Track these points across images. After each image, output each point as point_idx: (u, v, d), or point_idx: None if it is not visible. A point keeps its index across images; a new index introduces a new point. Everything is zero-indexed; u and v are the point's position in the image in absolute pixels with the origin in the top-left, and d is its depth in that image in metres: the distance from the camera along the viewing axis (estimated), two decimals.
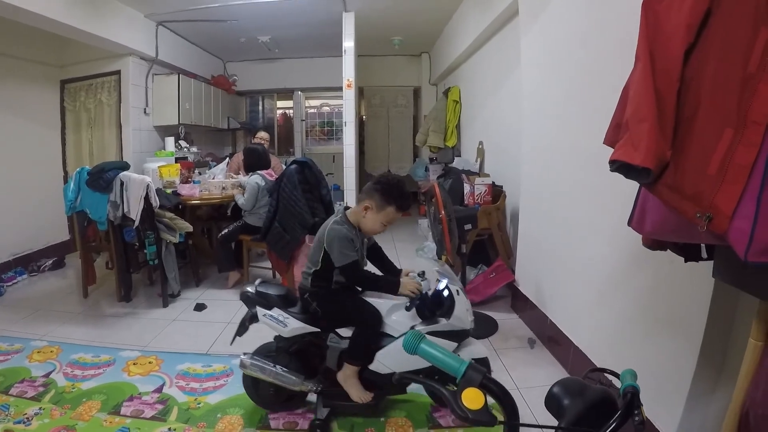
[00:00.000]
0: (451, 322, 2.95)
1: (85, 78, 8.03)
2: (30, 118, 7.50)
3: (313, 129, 12.76)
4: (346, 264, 2.95)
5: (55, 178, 8.04)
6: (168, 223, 5.42)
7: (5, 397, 3.74)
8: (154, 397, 3.62)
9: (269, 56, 10.98)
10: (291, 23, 8.41)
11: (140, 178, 5.11)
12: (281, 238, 5.24)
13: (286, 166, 5.46)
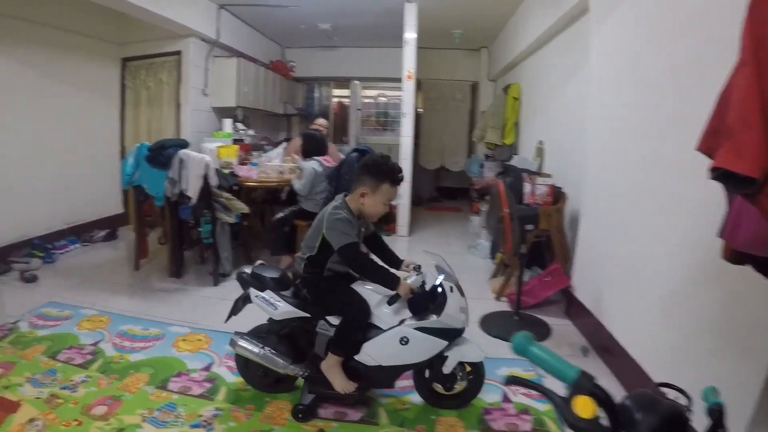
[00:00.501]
0: (441, 320, 2.90)
1: (146, 57, 8.14)
2: (91, 93, 7.65)
3: (368, 119, 12.63)
4: (345, 244, 2.91)
5: (112, 152, 8.19)
6: (224, 203, 5.42)
7: (52, 362, 3.78)
8: (202, 375, 3.59)
9: (328, 44, 10.95)
10: (352, 12, 8.36)
11: (200, 157, 5.12)
12: None
13: (346, 154, 5.40)
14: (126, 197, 8.23)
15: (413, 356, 2.94)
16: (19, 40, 6.34)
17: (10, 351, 3.98)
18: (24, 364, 3.77)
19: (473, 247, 7.01)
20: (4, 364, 3.76)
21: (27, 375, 3.59)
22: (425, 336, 2.89)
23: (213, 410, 3.18)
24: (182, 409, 3.17)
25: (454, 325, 2.95)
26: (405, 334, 2.90)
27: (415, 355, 2.94)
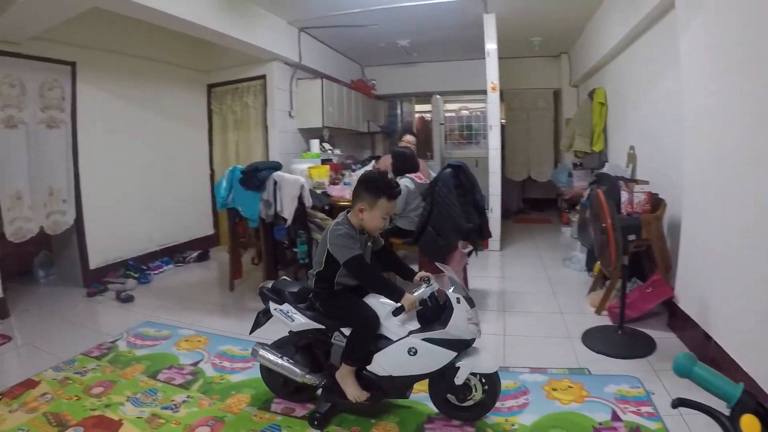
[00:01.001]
0: (447, 331, 2.90)
1: (231, 82, 8.34)
2: (180, 120, 7.97)
3: (451, 133, 12.47)
4: (350, 257, 2.97)
5: (202, 175, 8.47)
6: (319, 224, 5.40)
7: (152, 382, 3.81)
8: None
9: (407, 60, 10.91)
10: (430, 27, 8.26)
11: (294, 179, 5.14)
12: (434, 243, 5.04)
13: (440, 170, 5.30)
14: (217, 219, 8.51)
15: (422, 367, 2.98)
16: (114, 71, 6.72)
17: (109, 370, 4.03)
18: (124, 383, 3.80)
19: (568, 259, 6.75)
20: (105, 382, 3.81)
21: (127, 394, 3.62)
22: (433, 347, 2.92)
23: None
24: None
25: (462, 336, 2.94)
26: (413, 345, 2.95)
27: (424, 366, 2.98)
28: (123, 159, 6.88)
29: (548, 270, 6.49)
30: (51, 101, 5.93)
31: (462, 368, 2.95)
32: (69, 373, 3.99)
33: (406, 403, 3.34)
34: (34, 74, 5.74)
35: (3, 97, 5.45)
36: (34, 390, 3.74)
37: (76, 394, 3.66)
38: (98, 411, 3.40)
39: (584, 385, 3.48)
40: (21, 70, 5.59)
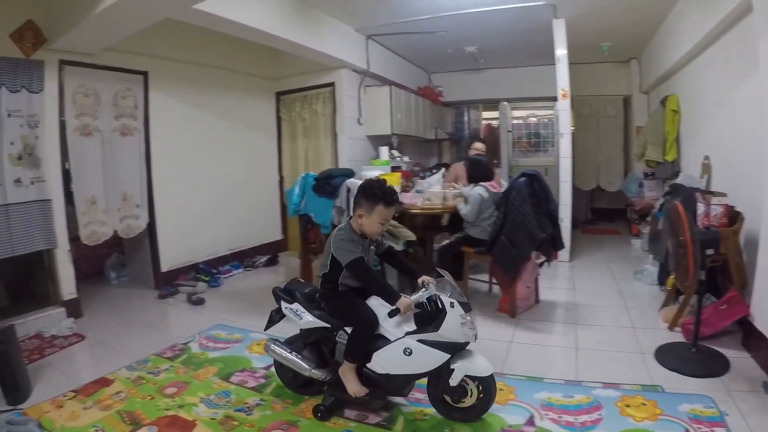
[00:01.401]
0: (439, 333, 3.03)
1: (300, 90, 8.39)
2: (249, 127, 8.09)
3: (519, 140, 12.20)
4: (351, 260, 3.15)
5: (271, 182, 8.58)
6: (391, 231, 5.33)
7: (225, 384, 3.85)
8: (378, 404, 3.43)
9: (475, 66, 10.71)
10: (498, 32, 8.11)
11: None
12: (508, 252, 4.93)
13: (514, 179, 5.17)
14: (285, 224, 8.60)
15: (417, 367, 3.13)
16: (185, 80, 6.89)
17: (182, 371, 4.07)
18: (197, 384, 3.83)
19: (639, 272, 6.48)
20: (178, 383, 3.85)
21: (201, 395, 3.65)
22: (426, 348, 3.06)
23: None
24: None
25: (455, 339, 3.06)
26: (408, 345, 3.10)
27: (418, 366, 3.12)
28: (194, 165, 7.02)
29: (619, 283, 6.28)
30: (124, 110, 6.07)
31: (457, 370, 3.08)
32: (142, 373, 4.06)
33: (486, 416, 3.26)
34: (108, 84, 5.89)
35: (78, 106, 5.60)
36: (108, 388, 3.81)
37: (149, 393, 3.71)
38: (172, 411, 3.44)
39: (657, 402, 3.34)
40: (95, 80, 5.74)
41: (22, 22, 5.00)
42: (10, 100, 4.98)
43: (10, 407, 3.62)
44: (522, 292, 5.14)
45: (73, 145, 5.58)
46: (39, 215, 5.23)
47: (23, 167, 5.11)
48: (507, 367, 3.94)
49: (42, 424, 3.32)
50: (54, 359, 4.48)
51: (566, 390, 3.51)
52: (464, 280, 5.51)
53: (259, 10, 5.66)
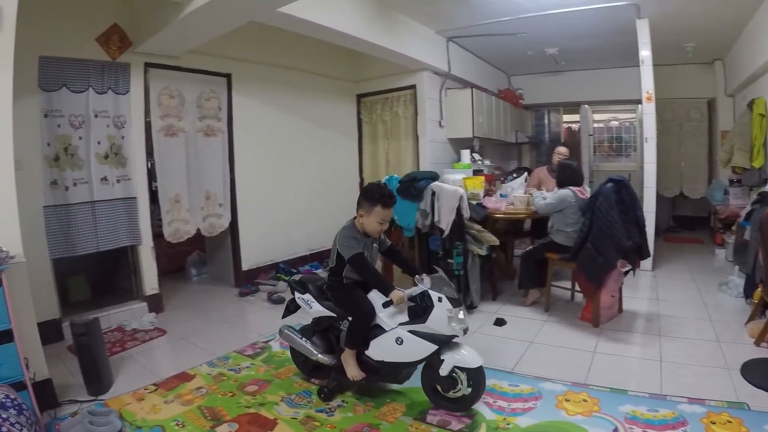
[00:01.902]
0: (426, 325, 3.22)
1: (380, 92, 8.36)
2: (330, 129, 8.12)
3: (600, 144, 11.79)
4: (352, 255, 3.41)
5: (351, 184, 8.55)
6: (475, 235, 5.25)
7: (307, 384, 3.83)
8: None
9: (555, 69, 10.43)
10: (580, 34, 7.85)
11: (453, 189, 5.02)
12: (593, 260, 4.72)
13: (601, 185, 4.94)
14: None
15: (408, 355, 3.32)
16: (267, 82, 6.96)
17: (263, 369, 4.07)
18: (278, 383, 3.82)
19: (724, 284, 6.09)
20: (259, 381, 3.84)
21: (282, 394, 3.63)
22: (416, 338, 3.26)
23: None
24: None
25: (441, 332, 3.22)
26: (399, 335, 3.32)
27: (408, 355, 3.31)
28: (275, 166, 7.09)
29: (703, 294, 5.91)
30: (208, 111, 6.18)
31: (446, 361, 3.25)
32: (223, 369, 4.08)
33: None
34: (192, 85, 6.01)
35: (163, 107, 5.73)
36: (189, 383, 3.83)
37: (230, 390, 3.71)
38: (253, 409, 3.43)
39: (744, 421, 3.10)
40: (180, 82, 5.87)
41: (108, 26, 5.15)
42: (97, 101, 5.14)
43: (92, 398, 3.66)
44: (606, 301, 4.90)
45: (158, 145, 5.70)
46: (124, 212, 5.36)
47: (110, 166, 5.26)
48: (590, 377, 3.74)
49: (123, 415, 3.35)
50: (135, 352, 4.56)
51: (651, 404, 3.30)
52: (547, 286, 5.34)
53: (341, 13, 5.65)
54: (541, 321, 4.99)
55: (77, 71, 4.99)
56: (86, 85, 5.04)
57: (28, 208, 3.99)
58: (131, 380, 3.93)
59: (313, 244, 7.71)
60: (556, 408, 3.28)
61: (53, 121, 4.89)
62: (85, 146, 5.08)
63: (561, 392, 3.48)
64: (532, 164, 11.17)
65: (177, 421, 3.26)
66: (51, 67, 4.82)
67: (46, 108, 4.83)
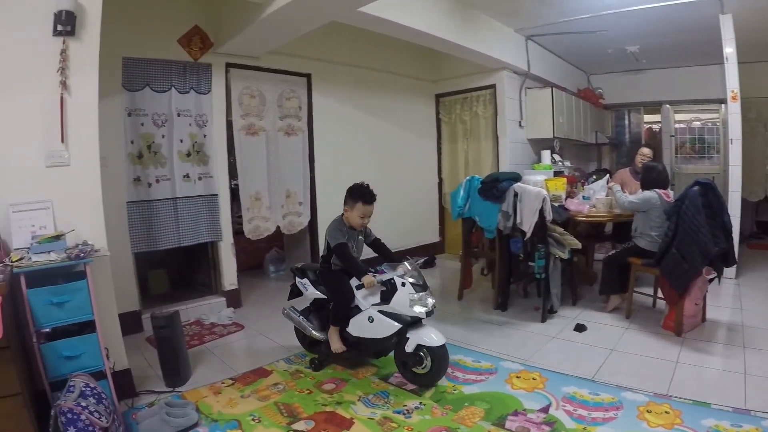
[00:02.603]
0: (391, 306, 3.72)
1: (459, 92, 8.26)
2: (408, 129, 8.07)
3: (682, 146, 11.32)
4: (336, 244, 3.91)
5: (430, 184, 8.52)
6: (557, 238, 5.13)
7: (384, 384, 3.80)
8: (540, 417, 3.22)
9: (636, 67, 10.05)
10: (662, 31, 7.49)
11: (537, 191, 4.88)
12: (678, 266, 4.50)
13: (687, 188, 4.73)
14: (443, 227, 8.57)
15: (377, 332, 3.79)
16: (346, 82, 7.00)
17: (340, 368, 4.07)
18: (356, 382, 3.81)
19: None
20: (336, 380, 3.84)
21: (359, 394, 3.62)
22: (383, 317, 3.74)
23: None
24: None
25: (403, 312, 3.69)
26: (371, 314, 3.82)
27: (377, 332, 3.78)
28: (354, 165, 7.07)
29: None
30: (289, 110, 6.25)
31: (411, 339, 3.66)
32: (300, 366, 4.13)
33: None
34: (273, 85, 6.10)
35: (244, 107, 5.83)
36: (266, 379, 3.88)
37: (307, 387, 3.73)
38: (330, 407, 3.43)
39: None
40: (260, 82, 5.96)
41: (190, 27, 5.27)
42: (180, 100, 5.28)
43: (170, 389, 3.72)
44: (690, 309, 4.67)
45: (239, 143, 5.80)
46: (206, 209, 5.48)
47: (192, 163, 5.38)
48: (672, 388, 3.53)
49: (199, 408, 3.39)
50: (213, 346, 4.66)
51: (734, 418, 3.08)
52: (629, 292, 5.11)
53: (420, 11, 5.59)
54: (622, 328, 4.79)
55: (160, 71, 5.14)
56: (169, 84, 5.19)
57: (111, 204, 4.13)
58: (209, 373, 4.01)
59: (392, 243, 7.41)
60: (637, 419, 3.12)
61: (137, 119, 5.05)
62: (167, 144, 5.22)
63: (642, 403, 3.31)
64: (611, 166, 10.82)
65: (253, 416, 3.28)
66: (134, 67, 4.98)
67: (130, 107, 5.00)
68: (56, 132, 3.28)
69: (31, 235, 3.11)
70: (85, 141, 3.42)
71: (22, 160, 3.21)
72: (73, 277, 3.11)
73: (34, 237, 3.08)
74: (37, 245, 3.00)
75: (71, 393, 2.68)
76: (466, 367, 4.01)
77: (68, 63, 3.29)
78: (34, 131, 3.24)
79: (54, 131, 3.27)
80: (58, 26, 3.19)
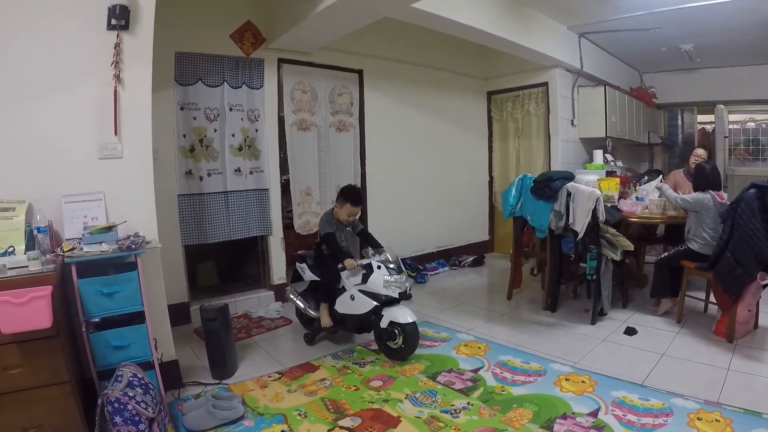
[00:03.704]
0: (367, 285, 4.19)
1: (511, 90, 8.16)
2: (459, 126, 8.01)
3: (736, 147, 10.99)
4: (324, 234, 4.42)
5: (480, 182, 8.47)
6: (610, 239, 5.01)
7: (432, 383, 3.74)
8: (588, 421, 3.13)
9: (689, 66, 9.73)
10: (717, 29, 7.24)
11: (590, 191, 4.76)
12: (732, 271, 4.35)
13: (743, 191, 4.58)
14: (492, 225, 8.52)
15: (358, 309, 4.27)
16: (397, 79, 7.00)
17: (388, 365, 4.06)
18: (403, 380, 3.76)
19: None
20: (384, 377, 3.81)
21: (407, 391, 3.58)
22: (362, 296, 4.23)
23: None
24: None
25: (378, 292, 4.16)
26: (352, 293, 4.30)
27: (357, 309, 4.27)
28: (405, 162, 7.11)
29: None
30: (340, 106, 6.27)
31: (385, 316, 4.15)
32: (347, 363, 4.12)
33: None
34: (325, 81, 6.11)
35: (296, 102, 5.85)
36: (313, 374, 3.89)
37: (354, 384, 3.71)
38: (376, 405, 3.41)
39: None
40: (312, 78, 5.99)
41: (242, 23, 5.32)
42: (232, 95, 5.31)
43: (216, 381, 3.77)
44: (743, 315, 4.50)
45: (290, 138, 5.82)
46: (256, 203, 5.53)
47: (243, 158, 5.42)
48: (723, 396, 3.40)
49: (246, 401, 3.42)
50: (260, 339, 4.73)
51: None
52: (681, 296, 4.95)
53: (473, 9, 5.54)
54: (672, 332, 4.65)
55: (212, 66, 5.19)
56: (221, 79, 5.23)
57: (163, 196, 4.15)
58: (255, 367, 4.04)
59: (441, 241, 7.70)
60: (687, 426, 3.02)
61: (189, 113, 5.10)
62: (219, 138, 5.27)
63: (693, 410, 3.19)
64: (663, 167, 10.57)
65: (299, 411, 3.28)
66: (187, 62, 5.04)
67: (182, 101, 5.06)
68: (110, 125, 3.33)
69: (84, 226, 3.16)
70: (138, 134, 3.47)
71: (76, 152, 3.28)
72: (123, 268, 3.17)
73: (86, 228, 3.14)
74: (88, 236, 3.04)
75: (119, 383, 2.72)
76: (515, 368, 3.94)
77: (122, 56, 3.35)
78: (87, 124, 3.30)
79: (107, 124, 3.33)
80: (112, 20, 3.25)
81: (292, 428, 3.10)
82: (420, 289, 6.37)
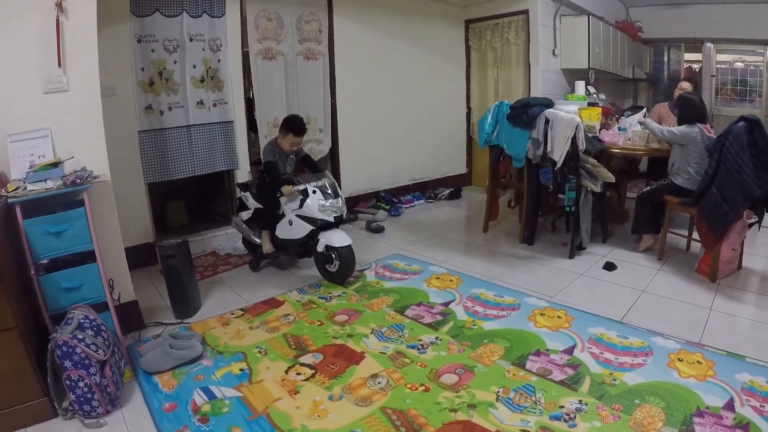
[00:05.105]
0: (302, 210, 4.30)
1: (491, 18, 7.84)
2: (437, 56, 7.70)
3: (723, 87, 10.88)
4: (265, 161, 4.46)
5: (457, 113, 8.20)
6: (590, 170, 4.82)
7: (399, 317, 3.65)
8: (563, 359, 3.04)
9: (677, 1, 9.52)
10: None
11: (570, 118, 4.55)
12: (718, 207, 4.21)
13: (731, 124, 4.39)
14: (470, 158, 8.33)
15: (296, 234, 4.40)
16: (369, 5, 6.63)
17: (355, 299, 3.96)
18: (370, 314, 3.67)
19: None
20: (349, 311, 3.72)
21: (372, 326, 3.49)
22: (299, 220, 4.34)
23: (576, 403, 2.64)
24: (541, 395, 2.71)
25: (314, 216, 4.25)
26: (290, 218, 4.42)
27: (295, 234, 4.41)
28: (378, 92, 6.88)
29: None
30: (308, 34, 6.00)
31: (321, 240, 4.27)
32: (314, 297, 4.03)
33: (668, 387, 2.80)
34: (291, 8, 5.83)
35: (261, 30, 5.59)
36: (276, 310, 3.80)
37: (319, 319, 3.62)
38: (340, 340, 3.33)
39: None
40: (277, 5, 5.70)
41: None
42: (192, 24, 5.05)
43: (178, 321, 3.65)
44: (726, 254, 4.36)
45: (256, 68, 5.59)
46: (221, 136, 5.34)
47: (206, 89, 5.20)
48: (705, 337, 3.29)
49: (206, 339, 3.32)
50: (226, 276, 4.62)
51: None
52: (663, 232, 4.82)
53: None
54: (653, 269, 4.52)
55: None
56: (180, 8, 4.94)
57: (122, 134, 4.12)
58: (219, 304, 3.93)
59: (416, 173, 7.54)
60: (667, 367, 2.92)
61: (147, 46, 4.82)
62: (180, 70, 5.01)
63: (674, 350, 3.08)
64: (648, 103, 10.35)
65: (260, 348, 3.19)
66: None
67: (139, 33, 4.77)
68: (53, 57, 3.10)
69: (30, 165, 2.98)
70: (85, 65, 3.25)
71: (19, 88, 3.06)
72: (73, 206, 2.99)
73: (31, 166, 2.96)
74: (33, 174, 2.88)
75: (68, 325, 2.59)
76: (488, 302, 3.82)
77: None
78: (30, 57, 3.08)
79: (51, 56, 3.10)
80: None
81: (252, 366, 3.00)
82: (394, 222, 6.28)
